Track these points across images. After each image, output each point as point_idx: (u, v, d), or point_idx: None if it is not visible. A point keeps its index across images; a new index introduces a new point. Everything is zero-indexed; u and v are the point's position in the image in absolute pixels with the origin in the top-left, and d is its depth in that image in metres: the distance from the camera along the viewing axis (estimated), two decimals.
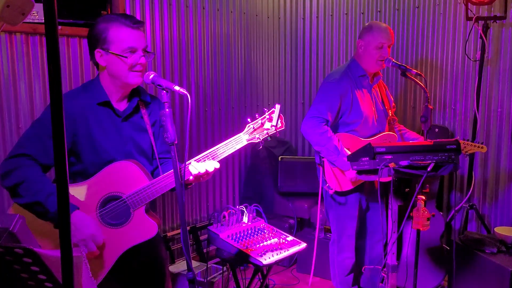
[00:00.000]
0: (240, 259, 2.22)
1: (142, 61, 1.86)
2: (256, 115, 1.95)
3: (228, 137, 1.92)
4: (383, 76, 3.06)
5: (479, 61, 3.39)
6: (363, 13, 4.21)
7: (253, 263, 2.16)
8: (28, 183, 1.73)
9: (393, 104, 3.13)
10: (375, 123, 2.91)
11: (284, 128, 1.97)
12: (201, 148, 3.81)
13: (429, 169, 2.19)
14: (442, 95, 3.81)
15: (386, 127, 3.00)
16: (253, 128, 1.93)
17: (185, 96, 1.62)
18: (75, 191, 1.81)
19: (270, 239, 2.30)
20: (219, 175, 4.06)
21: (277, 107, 1.93)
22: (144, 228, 1.84)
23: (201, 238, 3.74)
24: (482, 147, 3.05)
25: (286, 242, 2.30)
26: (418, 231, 2.41)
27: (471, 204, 3.42)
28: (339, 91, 2.81)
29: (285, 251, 2.22)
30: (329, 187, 2.84)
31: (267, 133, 1.93)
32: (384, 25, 2.85)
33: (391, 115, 3.04)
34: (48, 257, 1.02)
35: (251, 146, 2.06)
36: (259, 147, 1.96)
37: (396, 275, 2.50)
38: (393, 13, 4.02)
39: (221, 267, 3.12)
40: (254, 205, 2.48)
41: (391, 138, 2.93)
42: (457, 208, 3.51)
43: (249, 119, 1.95)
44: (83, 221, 1.73)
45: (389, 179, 2.25)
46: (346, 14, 4.32)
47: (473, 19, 3.32)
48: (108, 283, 1.82)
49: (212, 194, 4.02)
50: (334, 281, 3.13)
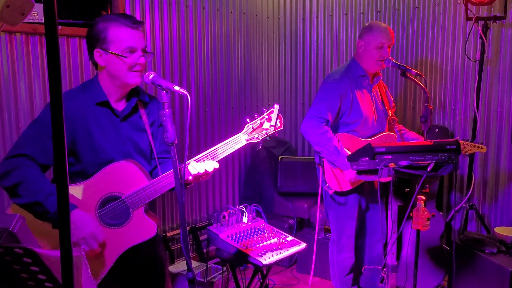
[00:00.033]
0: (240, 259, 2.22)
1: (141, 61, 1.85)
2: (255, 115, 1.94)
3: (227, 137, 1.92)
4: (383, 76, 3.06)
5: (479, 61, 3.39)
6: (363, 13, 4.21)
7: (253, 263, 2.16)
8: (27, 183, 1.72)
9: (393, 104, 3.13)
10: (375, 123, 2.91)
11: (283, 128, 1.96)
12: (201, 148, 3.81)
13: (429, 169, 2.19)
14: (442, 95, 3.81)
15: (386, 127, 3.00)
16: (252, 128, 1.93)
17: (185, 96, 1.62)
18: (74, 192, 1.81)
19: (270, 239, 2.30)
20: (219, 175, 4.07)
21: (276, 107, 1.92)
22: (143, 228, 1.84)
23: (201, 238, 3.74)
24: (481, 147, 3.05)
25: (286, 242, 2.30)
26: (418, 231, 2.41)
27: (471, 204, 3.42)
28: (339, 91, 2.81)
29: (285, 251, 2.22)
30: (328, 187, 2.84)
31: (266, 133, 1.93)
32: (384, 25, 2.85)
33: (391, 115, 3.04)
34: (48, 257, 1.02)
35: (250, 146, 2.06)
36: (259, 147, 1.95)
37: (396, 275, 2.50)
38: (393, 13, 4.02)
39: (221, 267, 3.12)
40: (254, 205, 2.48)
41: (391, 138, 2.93)
42: (457, 208, 3.51)
43: (248, 119, 1.94)
44: (82, 220, 1.73)
45: (389, 179, 2.25)
46: (346, 14, 4.32)
47: (473, 19, 3.32)
48: (107, 283, 1.82)
49: (212, 194, 4.02)
50: (333, 281, 3.13)
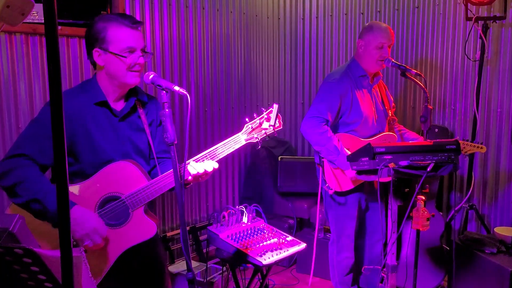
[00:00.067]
0: (239, 259, 2.22)
1: (140, 61, 1.85)
2: (254, 115, 1.94)
3: (227, 137, 1.92)
4: (383, 76, 3.06)
5: (478, 61, 3.39)
6: (362, 13, 4.21)
7: (253, 263, 2.16)
8: (26, 182, 1.72)
9: (393, 104, 3.13)
10: (375, 123, 2.91)
11: (282, 127, 1.96)
12: (200, 148, 3.81)
13: (428, 169, 2.19)
14: (441, 95, 3.81)
15: (386, 127, 3.00)
16: (252, 128, 1.93)
17: (185, 96, 1.62)
18: (73, 192, 1.80)
19: (269, 239, 2.30)
20: (218, 175, 4.07)
21: (275, 106, 1.92)
22: (143, 228, 1.84)
23: (201, 238, 3.74)
24: (481, 147, 3.05)
25: (285, 242, 2.30)
26: (417, 231, 2.41)
27: (470, 204, 3.42)
28: (339, 91, 2.81)
29: (284, 251, 2.22)
30: (328, 187, 2.84)
31: (265, 133, 1.93)
32: (384, 25, 2.85)
33: (391, 115, 3.04)
34: (48, 257, 1.02)
35: (250, 146, 2.06)
36: (258, 147, 1.96)
37: (395, 275, 2.50)
38: (393, 13, 4.02)
39: (221, 267, 3.12)
40: (253, 205, 2.48)
41: (390, 138, 2.93)
42: (456, 208, 3.51)
43: (247, 119, 1.94)
44: (83, 216, 1.72)
45: (388, 179, 2.25)
46: (345, 14, 4.32)
47: (473, 19, 3.32)
48: (107, 283, 1.82)
49: (211, 194, 4.02)
50: (333, 281, 3.13)
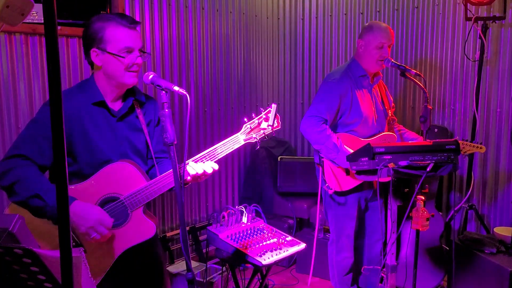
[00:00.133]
0: (239, 259, 2.22)
1: (138, 61, 1.85)
2: (252, 115, 1.95)
3: (227, 137, 1.93)
4: (383, 76, 3.06)
5: (478, 61, 3.39)
6: (362, 13, 4.21)
7: (253, 263, 2.16)
8: (25, 181, 1.72)
9: (393, 104, 3.13)
10: (375, 123, 2.91)
11: (280, 127, 1.97)
12: (200, 148, 3.81)
13: (428, 169, 2.20)
14: (441, 95, 3.82)
15: (385, 127, 3.00)
16: (250, 128, 1.93)
17: (185, 96, 1.62)
18: (72, 193, 1.79)
19: (269, 239, 2.30)
20: (218, 175, 4.06)
21: (273, 106, 1.93)
22: (142, 228, 1.84)
23: (201, 238, 3.74)
24: (480, 148, 3.05)
25: (285, 242, 2.30)
26: (417, 231, 2.42)
27: (470, 204, 3.42)
28: (339, 91, 2.81)
29: (284, 251, 2.22)
30: (328, 187, 2.84)
31: (263, 133, 1.93)
32: (384, 25, 2.86)
33: (390, 115, 3.04)
34: (47, 258, 1.02)
35: (250, 146, 2.06)
36: (257, 147, 1.96)
37: (395, 275, 2.50)
38: (393, 13, 4.03)
39: (221, 267, 3.12)
40: (253, 205, 2.48)
41: (390, 138, 2.93)
42: (456, 208, 3.51)
43: (245, 119, 1.94)
44: (84, 209, 1.72)
45: (388, 179, 2.25)
46: (345, 14, 4.32)
47: (472, 19, 3.32)
48: (107, 283, 1.82)
49: (211, 194, 4.02)
50: (333, 281, 3.13)
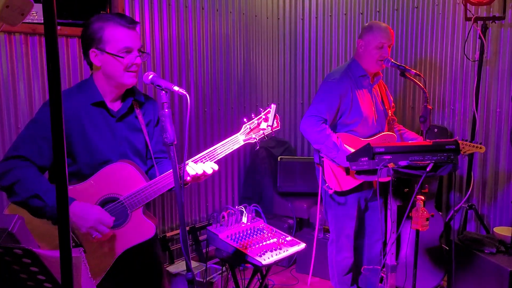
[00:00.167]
0: (239, 259, 2.22)
1: (137, 61, 1.85)
2: (252, 115, 1.95)
3: (226, 138, 1.93)
4: (383, 76, 3.06)
5: (478, 61, 3.39)
6: (362, 14, 4.21)
7: (252, 263, 2.16)
8: (24, 181, 1.72)
9: (393, 104, 3.13)
10: (375, 123, 2.91)
11: (279, 128, 1.97)
12: (200, 148, 3.81)
13: (428, 169, 2.20)
14: (441, 95, 3.82)
15: (385, 127, 3.00)
16: (250, 128, 1.93)
17: (184, 96, 1.62)
18: (72, 193, 1.79)
19: (269, 239, 2.30)
20: (218, 175, 4.06)
21: (273, 107, 1.93)
22: (142, 229, 1.84)
23: (201, 238, 3.74)
24: (480, 148, 3.05)
25: (285, 242, 2.30)
26: (417, 231, 2.42)
27: (470, 204, 3.42)
28: (339, 91, 2.81)
29: (284, 251, 2.22)
30: (328, 187, 2.84)
31: (263, 133, 1.93)
32: (384, 25, 2.86)
33: (390, 115, 3.04)
34: (47, 258, 1.02)
35: (250, 146, 2.06)
36: (257, 147, 1.96)
37: (395, 275, 2.50)
38: (392, 13, 4.03)
39: (220, 267, 3.12)
40: (253, 205, 2.48)
41: (390, 138, 2.93)
42: (456, 208, 3.51)
43: (245, 119, 1.95)
44: (84, 210, 1.72)
45: (388, 179, 2.25)
46: (345, 14, 4.32)
47: (472, 19, 3.32)
48: (107, 283, 1.82)
49: (211, 194, 4.02)
50: (332, 281, 3.13)
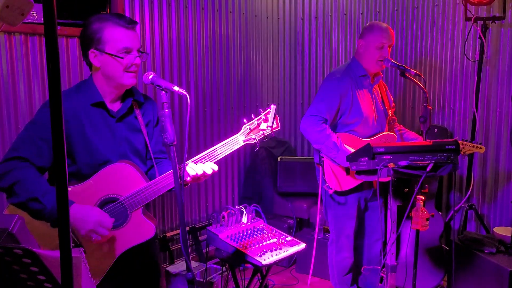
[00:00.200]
0: (239, 259, 2.22)
1: (137, 61, 1.85)
2: (252, 116, 1.95)
3: (227, 138, 1.93)
4: (383, 76, 3.06)
5: (478, 61, 3.39)
6: (362, 14, 4.21)
7: (252, 263, 2.16)
8: (23, 182, 1.72)
9: (393, 104, 3.13)
10: (375, 123, 2.91)
11: (279, 128, 1.98)
12: (200, 148, 3.81)
13: (428, 169, 2.20)
14: (441, 96, 3.82)
15: (385, 127, 3.00)
16: (250, 129, 1.93)
17: (184, 96, 1.62)
18: (72, 194, 1.79)
19: (269, 239, 2.30)
20: (218, 175, 4.06)
21: (273, 107, 1.93)
22: (142, 229, 1.84)
23: (201, 238, 3.74)
24: (480, 148, 3.05)
25: (285, 242, 2.30)
26: (417, 231, 2.42)
27: (470, 204, 3.42)
28: (340, 90, 2.80)
29: (284, 251, 2.22)
30: (328, 186, 2.84)
31: (263, 134, 1.94)
32: (385, 25, 2.86)
33: (391, 115, 3.04)
34: (47, 258, 1.02)
35: (250, 146, 2.07)
36: (257, 148, 1.96)
37: (395, 275, 2.50)
38: (392, 14, 4.03)
39: (220, 267, 3.12)
40: (253, 205, 2.48)
41: (390, 138, 2.93)
42: (456, 208, 3.51)
43: (245, 120, 1.95)
44: (83, 212, 1.72)
45: (388, 179, 2.25)
46: (345, 14, 4.32)
47: (472, 19, 3.32)
48: (106, 283, 1.82)
49: (211, 194, 4.02)
50: (332, 281, 3.13)
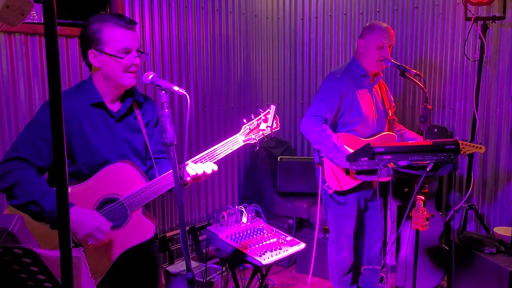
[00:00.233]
0: (239, 259, 2.22)
1: (136, 61, 1.85)
2: (252, 116, 1.95)
3: (227, 138, 1.93)
4: (383, 76, 3.07)
5: (478, 61, 3.39)
6: (362, 14, 4.21)
7: (252, 263, 2.16)
8: (23, 183, 1.72)
9: (393, 104, 3.13)
10: (375, 123, 2.91)
11: (279, 128, 1.98)
12: (200, 148, 3.81)
13: (428, 169, 2.20)
14: (441, 95, 3.82)
15: (385, 127, 3.00)
16: (249, 129, 1.93)
17: (184, 96, 1.62)
18: (72, 194, 1.79)
19: (269, 239, 2.30)
20: (218, 175, 4.06)
21: (272, 107, 1.93)
22: (141, 229, 1.84)
23: (200, 238, 3.74)
24: (480, 148, 3.05)
25: (285, 242, 2.30)
26: (417, 231, 2.42)
27: (470, 204, 3.42)
28: (340, 90, 2.80)
29: (284, 251, 2.22)
30: (328, 186, 2.84)
31: (262, 134, 1.94)
32: (385, 25, 2.86)
33: (391, 114, 3.04)
34: (47, 257, 1.02)
35: (250, 146, 2.07)
36: (256, 148, 1.96)
37: (395, 275, 2.50)
38: (392, 14, 4.03)
39: (220, 267, 3.12)
40: (253, 205, 2.48)
41: (390, 138, 2.93)
42: (456, 208, 3.51)
43: (244, 120, 1.95)
44: (82, 216, 1.72)
45: (388, 179, 2.25)
46: (345, 14, 4.32)
47: (472, 19, 3.32)
48: (106, 283, 1.82)
49: (211, 194, 4.02)
50: (332, 281, 3.13)
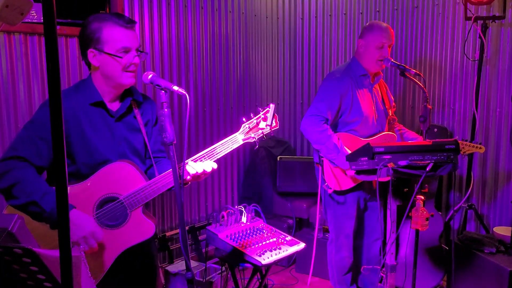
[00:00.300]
0: (238, 259, 2.22)
1: (136, 61, 1.84)
2: (251, 115, 1.95)
3: (226, 137, 1.93)
4: (383, 76, 3.07)
5: (478, 61, 3.39)
6: (362, 13, 4.21)
7: (252, 263, 2.16)
8: (22, 184, 1.71)
9: (393, 103, 3.13)
10: (375, 122, 2.91)
11: (278, 127, 1.97)
12: (199, 148, 3.81)
13: (428, 169, 2.20)
14: (441, 95, 3.82)
15: (385, 127, 3.00)
16: (249, 128, 1.93)
17: (184, 96, 1.62)
18: (71, 193, 1.79)
19: (269, 239, 2.30)
20: (217, 175, 4.07)
21: (272, 106, 1.93)
22: (141, 228, 1.84)
23: (200, 238, 3.74)
24: (480, 148, 3.05)
25: (285, 242, 2.30)
26: (417, 231, 2.42)
27: (470, 204, 3.42)
28: (340, 90, 2.80)
29: (284, 251, 2.22)
30: (328, 186, 2.84)
31: (262, 133, 1.94)
32: (385, 24, 2.86)
33: (391, 114, 3.04)
34: (47, 257, 1.02)
35: (249, 146, 2.07)
36: (256, 146, 1.96)
37: (394, 275, 2.50)
38: (392, 13, 4.03)
39: (220, 267, 3.12)
40: (253, 205, 2.48)
41: (390, 138, 2.93)
42: (456, 208, 3.52)
43: (244, 119, 1.95)
44: (81, 219, 1.72)
45: (388, 179, 2.25)
46: (345, 14, 4.32)
47: (472, 19, 3.32)
48: (106, 283, 1.82)
49: (211, 194, 4.02)
50: (332, 281, 3.13)
